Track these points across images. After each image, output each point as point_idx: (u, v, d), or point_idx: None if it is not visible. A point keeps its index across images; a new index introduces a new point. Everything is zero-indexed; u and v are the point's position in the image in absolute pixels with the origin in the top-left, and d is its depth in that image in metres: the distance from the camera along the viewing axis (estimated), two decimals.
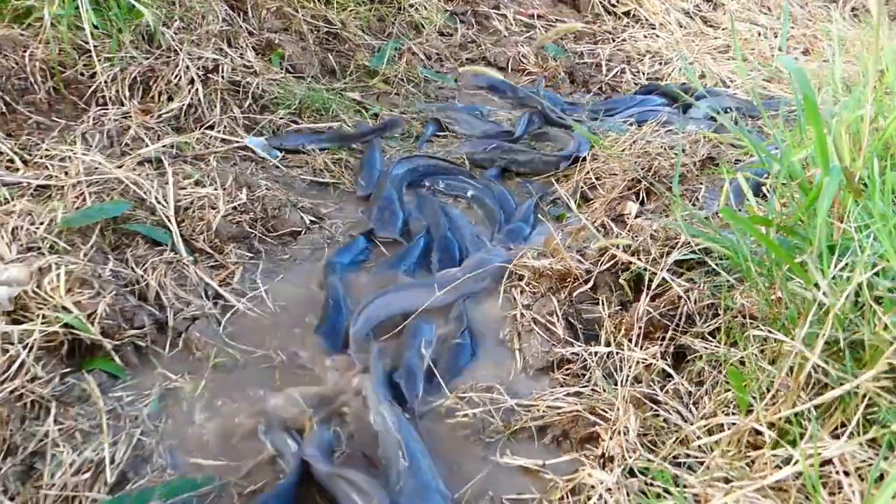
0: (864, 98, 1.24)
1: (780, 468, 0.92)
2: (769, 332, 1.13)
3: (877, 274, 0.99)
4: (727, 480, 0.96)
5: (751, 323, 1.24)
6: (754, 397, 1.08)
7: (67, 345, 1.52)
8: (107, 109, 2.39)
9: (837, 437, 0.92)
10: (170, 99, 2.53)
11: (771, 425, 1.04)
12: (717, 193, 2.23)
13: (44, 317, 1.51)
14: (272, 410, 1.47)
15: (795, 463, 0.89)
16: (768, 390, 1.08)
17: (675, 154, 2.53)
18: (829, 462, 0.88)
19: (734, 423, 1.07)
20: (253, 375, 1.60)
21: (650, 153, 2.48)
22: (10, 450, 1.28)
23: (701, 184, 2.35)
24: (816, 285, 1.01)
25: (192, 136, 2.42)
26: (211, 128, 2.52)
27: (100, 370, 1.51)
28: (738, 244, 1.27)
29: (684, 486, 1.03)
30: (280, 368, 1.62)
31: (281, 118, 2.76)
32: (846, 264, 1.02)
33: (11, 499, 1.19)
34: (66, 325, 1.50)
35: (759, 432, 1.05)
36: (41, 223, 1.76)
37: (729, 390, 1.23)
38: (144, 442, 1.36)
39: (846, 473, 0.86)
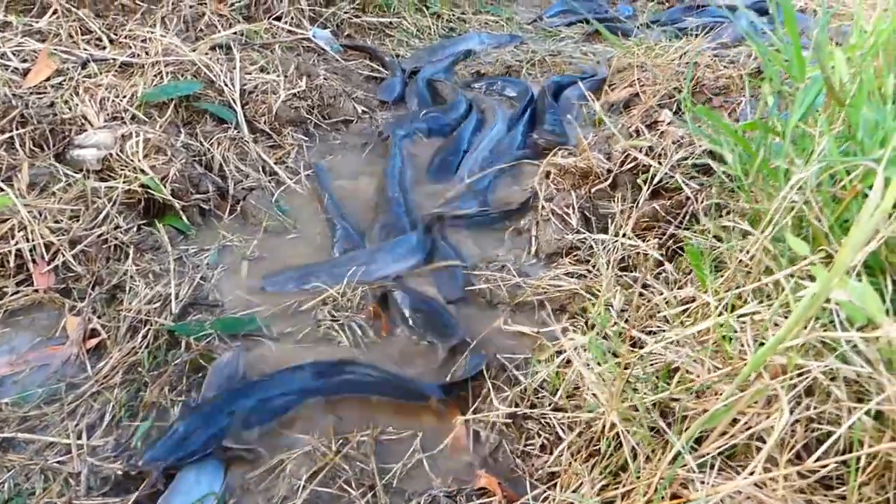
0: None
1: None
2: (735, 222, 1.26)
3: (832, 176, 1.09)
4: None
5: (734, 220, 1.35)
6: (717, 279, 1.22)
7: (144, 202, 1.78)
8: None
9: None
10: None
11: (732, 307, 1.18)
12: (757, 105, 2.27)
13: (125, 177, 1.77)
14: None
15: (716, 316, 1.05)
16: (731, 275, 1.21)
17: (725, 66, 2.55)
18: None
19: (692, 298, 1.23)
20: (298, 240, 1.83)
21: (698, 64, 2.51)
22: (97, 281, 1.57)
23: (743, 96, 2.38)
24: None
25: (261, 25, 2.60)
26: (278, 19, 2.69)
27: (170, 225, 1.76)
28: (727, 144, 1.37)
29: (641, 347, 1.20)
30: (321, 236, 1.85)
31: (345, 12, 2.89)
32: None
33: (99, 317, 1.47)
34: (143, 185, 1.76)
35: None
36: (124, 96, 2.00)
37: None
38: (203, 285, 1.62)
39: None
